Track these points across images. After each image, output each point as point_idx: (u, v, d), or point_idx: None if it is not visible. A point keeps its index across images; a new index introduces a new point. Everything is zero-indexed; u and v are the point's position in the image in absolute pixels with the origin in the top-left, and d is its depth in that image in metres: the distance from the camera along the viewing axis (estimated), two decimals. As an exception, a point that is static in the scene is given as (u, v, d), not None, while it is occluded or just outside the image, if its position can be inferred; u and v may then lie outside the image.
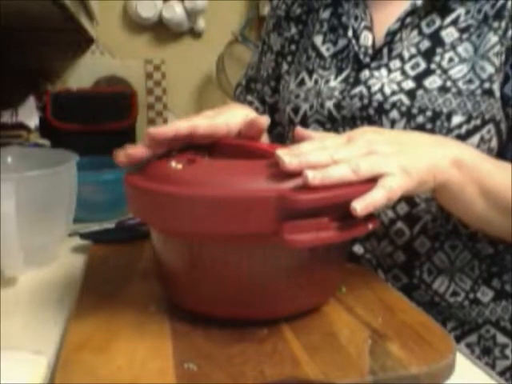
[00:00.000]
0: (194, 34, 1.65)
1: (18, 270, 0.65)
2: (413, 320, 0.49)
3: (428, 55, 0.63)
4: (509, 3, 0.62)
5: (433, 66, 0.63)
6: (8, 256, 0.61)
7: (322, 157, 0.44)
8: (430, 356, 0.43)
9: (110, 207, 0.88)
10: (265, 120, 0.55)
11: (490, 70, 0.61)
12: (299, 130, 0.53)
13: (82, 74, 1.55)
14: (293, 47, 0.77)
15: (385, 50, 0.66)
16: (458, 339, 0.68)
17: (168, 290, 0.52)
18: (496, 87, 0.61)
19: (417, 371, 0.41)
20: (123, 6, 1.59)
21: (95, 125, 1.33)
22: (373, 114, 0.64)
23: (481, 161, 0.53)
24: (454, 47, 0.63)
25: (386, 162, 0.45)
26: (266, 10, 1.63)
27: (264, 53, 0.82)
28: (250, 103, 0.84)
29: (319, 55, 0.72)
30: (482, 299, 0.67)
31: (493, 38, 0.61)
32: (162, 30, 1.61)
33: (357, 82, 0.66)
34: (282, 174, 0.44)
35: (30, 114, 1.20)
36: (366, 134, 0.48)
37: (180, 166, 0.47)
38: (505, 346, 0.68)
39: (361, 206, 0.42)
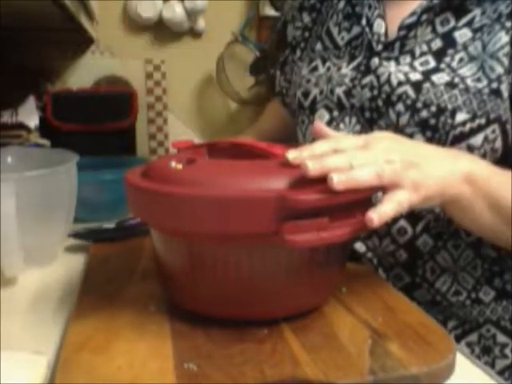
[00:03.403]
0: (194, 34, 1.64)
1: (18, 270, 0.65)
2: (413, 320, 0.49)
3: (439, 55, 0.63)
4: None
5: (442, 66, 0.62)
6: (8, 256, 0.61)
7: (340, 161, 0.44)
8: (430, 356, 0.43)
9: (110, 207, 0.88)
10: None
11: (499, 70, 0.60)
12: (319, 125, 0.52)
13: (82, 74, 1.55)
14: (306, 34, 0.79)
15: (397, 44, 0.66)
16: (459, 338, 0.68)
17: (168, 290, 0.52)
18: (504, 88, 0.60)
19: (417, 371, 0.41)
20: (123, 5, 1.59)
21: (95, 125, 1.32)
22: (381, 105, 0.64)
23: (492, 175, 0.53)
24: (465, 47, 0.62)
25: (402, 175, 0.45)
26: (266, 9, 1.63)
27: (283, 39, 0.85)
28: (276, 78, 0.89)
29: (334, 44, 0.73)
30: (483, 299, 0.67)
31: (504, 38, 0.61)
32: (162, 30, 1.61)
33: (367, 70, 0.67)
34: (281, 173, 0.44)
35: (30, 114, 1.19)
36: (383, 141, 0.48)
37: (180, 166, 0.47)
38: (505, 345, 0.68)
39: (377, 216, 0.43)
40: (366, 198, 0.46)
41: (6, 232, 0.59)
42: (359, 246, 0.68)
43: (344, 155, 0.45)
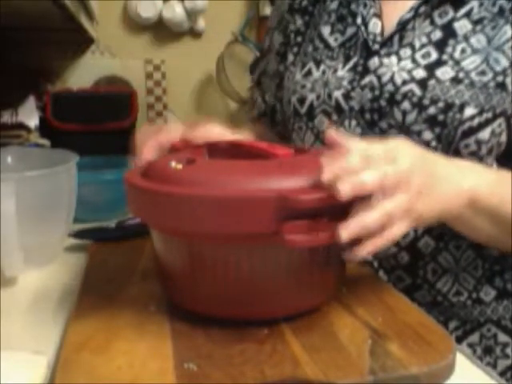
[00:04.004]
0: (194, 34, 1.65)
1: (18, 270, 0.65)
2: (413, 320, 0.49)
3: (440, 46, 0.63)
4: None
5: (444, 57, 0.62)
6: (8, 256, 0.61)
7: (371, 178, 0.43)
8: (430, 356, 0.43)
9: (110, 207, 0.88)
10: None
11: (505, 63, 0.60)
12: (333, 134, 0.48)
13: (82, 74, 1.55)
14: (299, 38, 0.77)
15: (395, 38, 0.65)
16: (460, 339, 0.68)
17: (168, 290, 0.52)
18: (509, 81, 0.60)
19: (417, 371, 0.41)
20: (123, 5, 1.59)
21: (95, 125, 1.33)
22: (384, 105, 0.64)
23: (495, 189, 0.54)
24: (466, 39, 0.62)
25: (411, 206, 0.45)
26: (266, 9, 1.63)
27: (270, 49, 0.83)
28: (256, 100, 0.87)
29: (327, 46, 0.71)
30: (484, 298, 0.67)
31: (509, 31, 0.61)
32: (162, 30, 1.61)
33: (366, 70, 0.66)
34: (281, 173, 0.44)
35: (30, 114, 1.19)
36: (406, 157, 0.47)
37: (180, 166, 0.47)
38: (506, 344, 0.68)
39: (367, 251, 0.44)
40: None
41: (6, 232, 0.59)
42: (359, 250, 0.67)
43: (374, 173, 0.43)
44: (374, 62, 0.65)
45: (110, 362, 0.42)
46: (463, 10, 0.63)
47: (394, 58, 0.64)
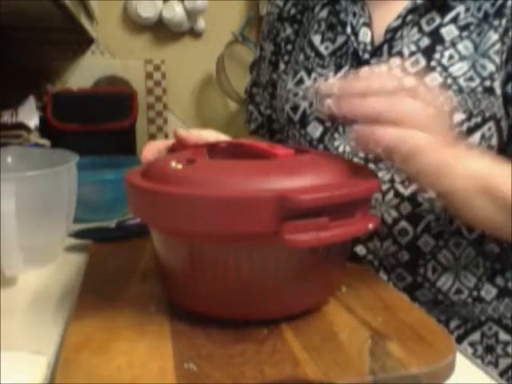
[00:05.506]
0: (194, 34, 1.64)
1: (18, 270, 0.65)
2: (413, 320, 0.49)
3: (428, 52, 0.63)
4: (509, 2, 0.62)
5: (433, 63, 0.63)
6: (8, 256, 0.61)
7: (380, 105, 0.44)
8: (429, 356, 0.43)
9: (110, 207, 0.88)
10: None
11: (491, 67, 0.61)
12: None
13: (82, 74, 1.55)
14: (289, 47, 0.77)
15: (385, 48, 0.66)
16: (461, 338, 0.68)
17: (168, 290, 0.52)
18: (496, 85, 0.61)
19: (417, 371, 0.41)
20: (123, 5, 1.59)
21: (95, 125, 1.33)
22: None
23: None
24: (453, 44, 0.63)
25: (418, 143, 0.46)
26: (266, 10, 1.63)
27: (263, 59, 0.83)
28: (251, 113, 0.88)
29: (318, 54, 0.72)
30: (485, 297, 0.67)
31: (493, 36, 0.61)
32: (162, 30, 1.61)
33: None
34: (281, 173, 0.44)
35: (30, 114, 1.19)
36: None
37: (180, 166, 0.47)
38: (507, 343, 0.68)
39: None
40: (365, 198, 0.46)
41: (6, 232, 0.59)
42: (359, 249, 0.67)
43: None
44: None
45: (109, 361, 0.42)
46: (450, 16, 0.64)
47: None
